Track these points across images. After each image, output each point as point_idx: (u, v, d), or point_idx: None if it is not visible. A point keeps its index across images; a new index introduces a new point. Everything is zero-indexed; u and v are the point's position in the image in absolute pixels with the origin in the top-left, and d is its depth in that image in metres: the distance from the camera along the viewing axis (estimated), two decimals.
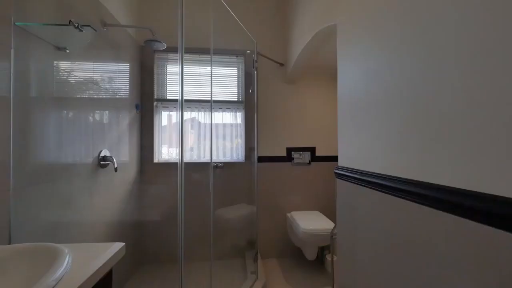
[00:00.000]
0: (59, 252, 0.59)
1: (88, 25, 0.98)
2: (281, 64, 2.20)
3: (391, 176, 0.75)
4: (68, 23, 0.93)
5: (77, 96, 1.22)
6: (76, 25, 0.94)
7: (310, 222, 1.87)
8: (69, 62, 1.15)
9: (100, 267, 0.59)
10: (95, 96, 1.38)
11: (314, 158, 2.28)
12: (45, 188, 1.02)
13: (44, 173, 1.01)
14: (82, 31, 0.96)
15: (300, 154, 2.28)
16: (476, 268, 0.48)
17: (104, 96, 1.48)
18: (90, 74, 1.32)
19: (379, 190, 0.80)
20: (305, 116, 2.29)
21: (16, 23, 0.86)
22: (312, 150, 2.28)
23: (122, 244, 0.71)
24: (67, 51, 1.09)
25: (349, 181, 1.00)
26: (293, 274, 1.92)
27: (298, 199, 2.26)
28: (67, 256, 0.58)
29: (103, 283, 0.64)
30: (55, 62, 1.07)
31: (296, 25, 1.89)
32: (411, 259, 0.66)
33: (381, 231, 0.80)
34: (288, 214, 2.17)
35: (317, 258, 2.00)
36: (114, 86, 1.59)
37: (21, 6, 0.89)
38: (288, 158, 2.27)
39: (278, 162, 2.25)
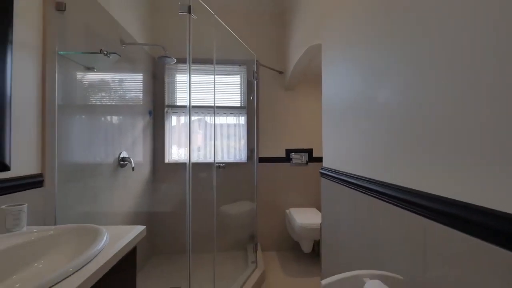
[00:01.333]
0: (99, 230, 0.79)
1: (115, 52, 1.19)
2: (281, 72, 2.38)
3: (359, 176, 0.92)
4: (99, 52, 1.15)
5: (100, 104, 1.44)
6: (105, 52, 1.16)
7: (306, 218, 2.04)
8: (95, 77, 1.38)
9: (129, 241, 0.80)
10: (115, 104, 1.60)
11: (311, 159, 2.45)
12: (78, 185, 1.24)
13: (76, 172, 1.24)
14: (109, 57, 1.18)
15: (301, 156, 2.45)
16: (404, 246, 0.66)
17: (122, 104, 1.70)
18: (110, 85, 1.54)
19: (349, 187, 0.98)
20: (303, 120, 2.46)
21: (59, 52, 1.08)
22: (309, 151, 2.45)
23: (144, 227, 0.91)
24: (95, 70, 1.32)
25: (330, 180, 1.18)
26: (289, 265, 2.10)
27: (296, 196, 2.43)
28: (106, 234, 0.79)
29: (130, 257, 0.84)
30: (84, 78, 1.29)
31: (291, 39, 2.07)
32: (372, 241, 0.84)
33: (352, 219, 0.97)
34: (287, 211, 2.35)
35: (313, 251, 2.17)
36: (130, 94, 1.81)
37: (62, 38, 1.11)
38: (287, 159, 2.45)
39: (278, 163, 2.43)
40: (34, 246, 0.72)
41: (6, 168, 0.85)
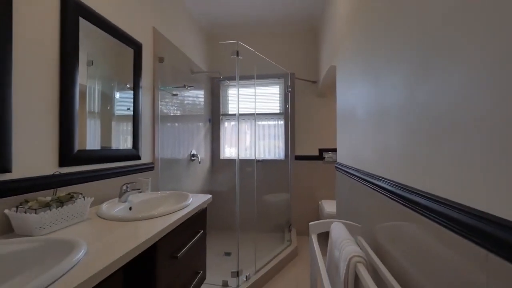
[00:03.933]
0: (188, 194, 1.38)
1: (192, 86, 1.82)
2: (314, 82, 2.75)
3: (357, 168, 1.30)
4: (183, 86, 1.80)
5: (178, 115, 2.11)
6: (187, 87, 1.79)
7: (334, 207, 2.38)
8: (176, 98, 2.05)
9: (204, 201, 1.36)
10: (186, 114, 2.27)
11: None
12: (169, 172, 1.91)
13: (167, 163, 1.91)
14: (189, 89, 1.81)
15: (333, 154, 2.77)
16: (367, 209, 1.04)
17: (191, 114, 2.36)
18: (185, 102, 2.21)
19: (346, 175, 1.35)
20: (334, 123, 2.77)
21: (160, 88, 1.75)
22: None
23: (210, 195, 1.48)
24: (177, 95, 1.98)
25: (342, 172, 1.55)
26: (320, 245, 2.46)
27: (328, 190, 2.76)
28: (191, 196, 1.37)
29: (202, 213, 1.41)
30: (172, 100, 1.96)
31: (320, 54, 2.43)
32: (354, 209, 1.22)
33: (347, 197, 1.35)
34: (320, 202, 2.70)
35: None
36: (196, 107, 2.48)
37: (161, 78, 1.78)
38: (320, 157, 2.80)
39: (312, 160, 2.81)
40: (159, 199, 1.35)
41: (139, 158, 1.53)
